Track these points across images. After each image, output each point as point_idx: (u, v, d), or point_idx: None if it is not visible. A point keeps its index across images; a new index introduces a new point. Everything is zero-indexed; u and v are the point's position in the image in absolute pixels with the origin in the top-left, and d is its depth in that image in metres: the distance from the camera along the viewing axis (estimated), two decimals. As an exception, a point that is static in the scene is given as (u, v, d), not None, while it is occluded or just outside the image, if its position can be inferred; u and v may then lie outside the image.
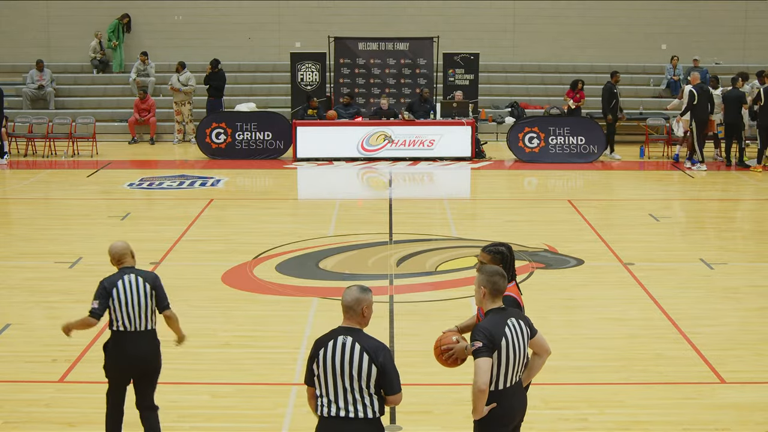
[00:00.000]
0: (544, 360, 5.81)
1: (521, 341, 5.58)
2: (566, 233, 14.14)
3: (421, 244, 13.52)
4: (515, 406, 5.66)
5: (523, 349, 5.60)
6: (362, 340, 5.36)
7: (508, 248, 6.18)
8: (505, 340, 5.49)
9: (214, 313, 10.35)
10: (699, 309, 10.58)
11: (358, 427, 5.35)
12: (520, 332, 5.58)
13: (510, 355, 5.51)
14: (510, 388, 5.58)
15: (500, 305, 5.61)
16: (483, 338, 5.42)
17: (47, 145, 21.83)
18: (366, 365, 5.30)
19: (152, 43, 26.43)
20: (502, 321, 5.54)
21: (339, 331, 5.42)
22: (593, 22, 27.04)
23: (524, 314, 5.77)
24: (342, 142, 20.75)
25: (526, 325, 5.67)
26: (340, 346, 5.35)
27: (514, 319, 5.60)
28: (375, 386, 5.35)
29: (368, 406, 5.35)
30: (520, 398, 5.71)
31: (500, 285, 5.59)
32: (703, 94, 19.95)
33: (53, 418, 7.65)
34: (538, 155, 20.88)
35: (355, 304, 5.40)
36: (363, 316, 5.42)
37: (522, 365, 5.65)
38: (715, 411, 7.85)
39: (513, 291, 6.12)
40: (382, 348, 5.38)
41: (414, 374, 8.41)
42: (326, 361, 5.36)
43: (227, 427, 7.58)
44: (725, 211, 16.61)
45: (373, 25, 25.76)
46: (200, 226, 14.61)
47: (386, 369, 5.33)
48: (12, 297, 10.94)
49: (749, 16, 27.28)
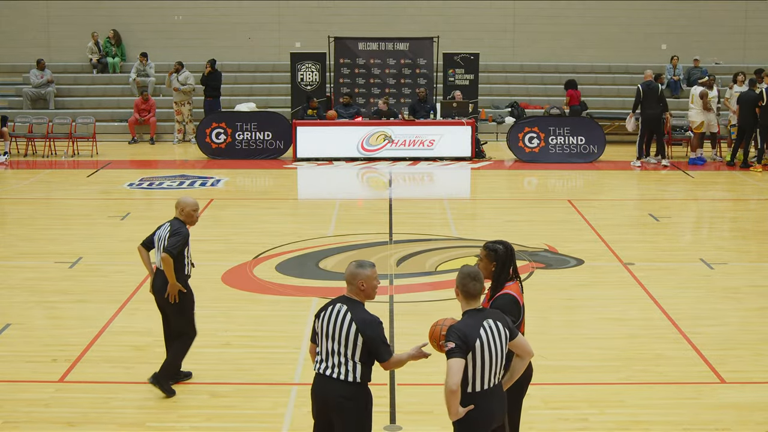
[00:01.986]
0: (526, 362, 5.75)
1: (498, 343, 5.52)
2: (566, 233, 14.14)
3: (421, 244, 13.52)
4: (493, 410, 5.58)
5: (500, 351, 5.54)
6: (355, 312, 5.74)
7: (506, 247, 6.16)
8: (479, 342, 5.45)
9: (214, 313, 10.35)
10: (699, 309, 10.58)
11: (339, 387, 5.75)
12: (497, 334, 5.52)
13: (485, 357, 5.46)
14: (487, 391, 5.53)
15: (476, 306, 5.59)
16: (456, 339, 5.42)
17: (47, 145, 21.83)
18: (353, 335, 5.71)
19: (152, 43, 26.45)
20: (477, 322, 5.51)
21: (340, 299, 5.84)
22: (593, 22, 27.04)
23: (503, 316, 5.68)
24: (342, 142, 20.75)
25: (505, 326, 5.59)
26: (335, 313, 5.79)
27: (491, 321, 5.55)
28: (360, 355, 5.72)
29: (350, 371, 5.75)
30: (499, 401, 5.63)
31: (470, 287, 5.58)
32: (649, 92, 20.36)
33: (53, 418, 7.65)
34: (538, 155, 20.88)
35: (352, 278, 5.81)
36: (361, 289, 5.80)
37: (500, 368, 5.58)
38: (715, 411, 7.85)
39: (514, 290, 6.13)
40: (373, 322, 5.74)
41: (414, 374, 8.41)
42: (322, 324, 5.82)
43: (227, 427, 7.58)
44: (725, 211, 16.61)
45: (373, 25, 25.76)
46: (200, 226, 14.56)
47: (374, 342, 5.70)
48: (12, 297, 10.94)
49: (749, 16, 27.28)
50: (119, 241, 13.59)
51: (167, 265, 7.89)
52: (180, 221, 8.10)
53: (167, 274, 7.92)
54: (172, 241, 7.91)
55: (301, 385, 8.32)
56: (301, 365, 8.75)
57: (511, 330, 5.62)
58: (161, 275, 8.04)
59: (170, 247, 7.88)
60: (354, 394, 5.77)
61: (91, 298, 10.85)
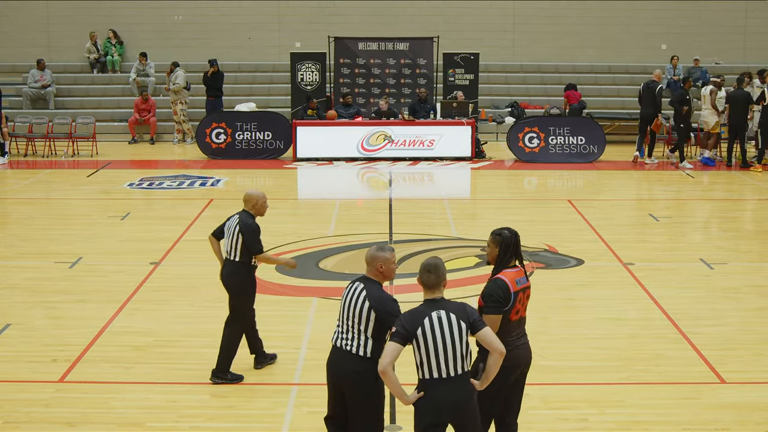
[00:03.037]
0: (495, 359, 5.73)
1: (447, 333, 5.61)
2: (566, 233, 14.14)
3: (421, 244, 13.52)
4: (446, 400, 5.65)
5: (452, 342, 5.61)
6: (371, 290, 6.08)
7: (512, 232, 6.30)
8: (422, 330, 5.61)
9: (214, 313, 10.33)
10: (699, 309, 10.58)
11: (351, 360, 6.06)
12: (446, 325, 5.63)
13: (430, 347, 5.60)
14: (442, 380, 5.63)
15: (433, 297, 5.73)
16: (398, 325, 5.69)
17: (47, 145, 21.84)
18: (366, 311, 6.03)
19: (152, 43, 26.45)
20: (425, 312, 5.67)
21: (360, 278, 6.20)
22: (593, 22, 27.05)
23: (465, 308, 5.72)
24: (342, 142, 20.75)
25: (462, 319, 5.65)
26: (353, 290, 6.15)
27: (443, 312, 5.66)
28: (373, 330, 6.03)
29: (362, 346, 6.07)
30: (458, 394, 5.67)
31: (424, 278, 5.76)
32: (647, 91, 20.54)
33: (53, 418, 7.65)
34: (538, 155, 20.89)
35: (372, 260, 6.15)
36: (379, 271, 6.13)
37: (457, 360, 5.63)
38: (715, 411, 7.85)
39: (508, 276, 6.18)
40: (387, 300, 6.05)
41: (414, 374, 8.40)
42: (343, 300, 6.18)
43: (227, 427, 7.58)
44: (725, 211, 16.61)
45: (373, 25, 25.77)
46: (200, 226, 14.60)
47: (384, 319, 5.98)
48: (12, 297, 10.94)
49: (749, 16, 27.29)
50: (119, 241, 13.60)
51: (265, 260, 8.53)
52: (249, 214, 8.42)
53: (272, 262, 9.07)
54: (249, 240, 8.26)
55: (301, 385, 8.32)
56: (301, 365, 8.75)
57: (471, 323, 5.67)
58: (230, 264, 8.41)
59: (252, 247, 8.28)
60: (365, 368, 6.02)
61: (91, 298, 10.85)
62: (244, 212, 8.46)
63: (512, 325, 6.18)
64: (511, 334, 6.17)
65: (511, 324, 6.17)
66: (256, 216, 8.48)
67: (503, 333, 6.07)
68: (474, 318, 5.71)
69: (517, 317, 6.22)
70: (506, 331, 6.12)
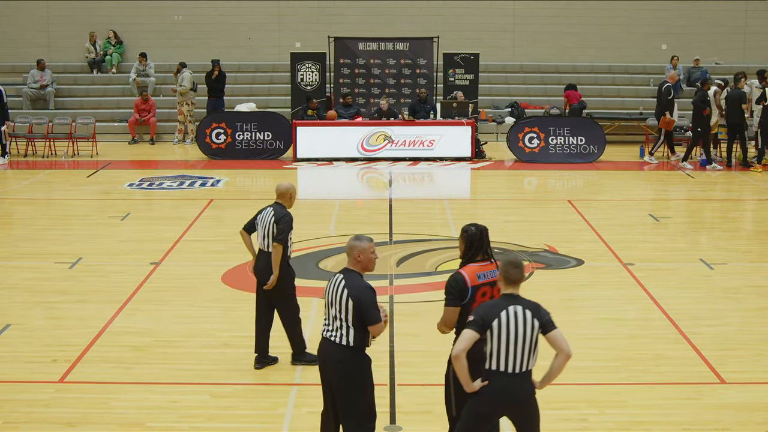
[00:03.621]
0: (561, 361, 5.77)
1: (521, 330, 5.69)
2: (566, 233, 14.14)
3: (421, 244, 13.52)
4: (511, 394, 5.73)
5: (523, 338, 5.69)
6: (350, 279, 6.33)
7: (478, 228, 6.53)
8: (497, 323, 5.68)
9: (214, 313, 10.35)
10: (699, 309, 10.58)
11: (336, 350, 6.31)
12: (521, 321, 5.70)
13: (502, 339, 5.68)
14: (506, 374, 5.71)
15: (512, 292, 5.80)
16: (475, 315, 5.77)
17: (47, 145, 21.83)
18: (345, 299, 6.27)
19: (152, 43, 26.45)
20: (502, 305, 5.74)
21: (341, 270, 6.43)
22: (593, 22, 27.04)
23: (540, 308, 5.79)
24: (342, 142, 20.74)
25: (537, 317, 5.73)
26: (334, 281, 6.40)
27: (519, 308, 5.73)
28: (353, 319, 6.25)
29: (344, 335, 6.30)
30: (519, 389, 5.75)
31: (510, 273, 5.81)
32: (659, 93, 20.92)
33: (53, 418, 7.65)
34: (538, 155, 20.89)
35: (350, 250, 6.42)
36: (357, 261, 6.38)
37: (524, 357, 5.72)
38: (715, 411, 7.85)
39: (469, 270, 6.35)
40: (364, 288, 6.29)
41: (414, 374, 8.42)
42: (326, 293, 6.42)
43: (227, 427, 7.58)
44: (725, 211, 16.61)
45: (373, 25, 25.76)
46: (200, 226, 14.61)
47: (362, 305, 6.23)
48: (12, 297, 10.93)
49: (749, 16, 27.28)
50: (119, 241, 13.60)
51: (277, 253, 8.35)
52: (282, 206, 8.52)
53: (273, 263, 8.38)
54: (280, 229, 8.33)
55: (301, 385, 8.32)
56: (300, 366, 8.74)
57: (543, 324, 5.74)
58: (264, 257, 8.51)
59: (280, 236, 8.33)
60: (348, 357, 6.29)
61: (90, 299, 10.85)
62: (276, 204, 8.61)
63: None
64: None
65: None
66: (290, 207, 8.63)
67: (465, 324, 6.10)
68: (546, 319, 5.77)
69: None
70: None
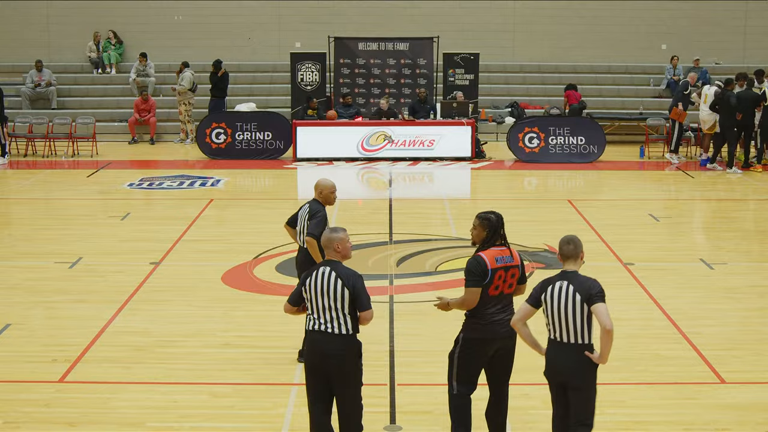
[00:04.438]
0: (602, 335, 6.09)
1: (563, 303, 6.17)
2: (566, 233, 14.09)
3: (421, 244, 13.52)
4: (559, 363, 6.25)
5: (565, 311, 6.16)
6: (338, 270, 6.50)
7: (497, 216, 6.84)
8: (545, 296, 6.26)
9: (214, 313, 10.35)
10: (699, 309, 10.58)
11: (336, 339, 6.45)
12: (563, 295, 6.18)
13: (549, 311, 6.24)
14: (554, 342, 6.28)
15: (567, 268, 6.32)
16: (534, 289, 6.37)
17: (47, 145, 21.83)
18: (340, 289, 6.43)
19: (152, 43, 26.44)
20: (553, 280, 6.29)
21: (322, 263, 6.59)
22: (593, 22, 27.03)
23: (588, 283, 6.20)
24: (342, 142, 20.74)
25: (579, 291, 6.15)
26: (320, 275, 6.51)
27: (565, 283, 6.22)
28: (349, 307, 6.44)
29: (342, 324, 6.45)
30: (566, 360, 6.21)
31: (563, 249, 6.40)
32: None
33: (53, 418, 7.65)
34: (538, 155, 20.89)
35: (328, 242, 6.59)
36: (337, 251, 6.57)
37: (571, 329, 6.16)
38: (715, 411, 7.85)
39: (488, 254, 6.66)
40: (354, 275, 6.49)
41: (414, 374, 8.42)
42: (311, 287, 6.52)
43: (227, 427, 7.58)
44: (725, 211, 16.61)
45: (373, 25, 25.75)
46: (200, 226, 14.61)
47: (356, 291, 6.44)
48: (12, 297, 10.93)
49: (749, 16, 27.27)
50: (119, 241, 13.60)
51: (312, 246, 8.46)
52: (318, 202, 8.67)
53: (312, 255, 8.45)
54: (312, 224, 8.51)
55: (301, 385, 8.31)
56: (301, 365, 8.74)
57: (588, 297, 6.13)
58: (301, 252, 8.75)
59: (312, 230, 8.47)
60: (349, 344, 6.48)
61: (90, 298, 10.85)
62: (313, 200, 8.73)
63: (491, 299, 6.63)
64: (487, 307, 6.63)
65: (490, 298, 6.63)
66: (325, 204, 8.71)
67: (482, 306, 6.61)
68: (592, 293, 6.15)
69: (496, 292, 6.65)
70: (483, 304, 6.62)
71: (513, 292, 6.77)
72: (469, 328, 6.70)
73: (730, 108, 19.53)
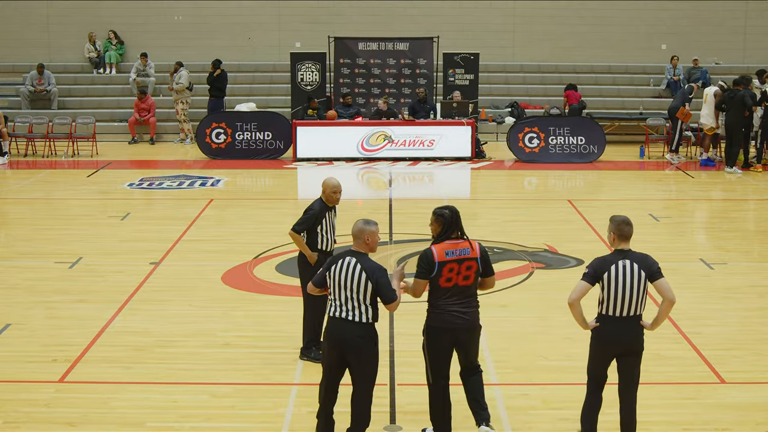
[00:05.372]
0: (666, 306, 6.77)
1: (629, 280, 6.68)
2: (566, 233, 14.14)
3: (421, 244, 13.51)
4: (620, 336, 6.77)
5: (631, 288, 6.68)
6: (364, 262, 6.75)
7: (452, 211, 7.08)
8: (608, 275, 6.70)
9: (214, 313, 10.35)
10: (699, 309, 10.58)
11: (356, 328, 6.72)
12: (629, 272, 6.70)
13: (613, 288, 6.70)
14: (615, 318, 6.75)
15: (623, 248, 6.81)
16: (590, 268, 6.80)
17: (47, 145, 21.83)
18: (363, 281, 6.69)
19: (152, 43, 26.44)
20: (613, 259, 6.76)
21: (348, 252, 6.83)
22: (593, 22, 27.04)
23: (648, 260, 6.77)
24: (342, 142, 20.75)
25: (643, 269, 6.71)
26: (346, 265, 6.76)
27: (627, 261, 6.73)
28: (371, 298, 6.70)
29: (363, 313, 6.72)
30: (627, 332, 6.77)
31: (622, 229, 6.83)
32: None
33: (53, 418, 7.65)
34: (538, 155, 20.89)
35: (359, 233, 6.86)
36: (366, 243, 6.83)
37: (634, 303, 6.71)
38: (715, 411, 7.85)
39: (437, 247, 6.93)
40: (379, 269, 6.73)
41: (414, 374, 8.42)
42: (335, 275, 6.77)
43: (227, 427, 7.58)
44: (725, 211, 16.61)
45: (373, 25, 25.76)
46: (200, 226, 14.61)
47: (380, 285, 6.69)
48: (12, 297, 10.94)
49: (749, 16, 27.28)
50: (119, 241, 13.60)
51: (293, 239, 8.76)
52: (322, 201, 8.83)
53: (299, 245, 8.75)
54: (300, 219, 8.74)
55: (301, 385, 8.32)
56: (301, 365, 8.75)
57: (650, 274, 6.73)
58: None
59: (296, 225, 8.71)
60: (368, 333, 6.75)
61: (90, 298, 10.86)
62: (318, 199, 8.89)
63: (442, 290, 6.93)
64: (441, 298, 6.95)
65: (442, 290, 6.93)
66: (329, 204, 8.85)
67: (434, 296, 6.97)
68: (653, 269, 6.75)
69: (449, 284, 6.93)
70: (436, 295, 6.97)
71: (472, 284, 7.00)
72: (428, 317, 7.10)
73: (741, 107, 19.47)
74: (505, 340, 9.43)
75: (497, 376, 8.55)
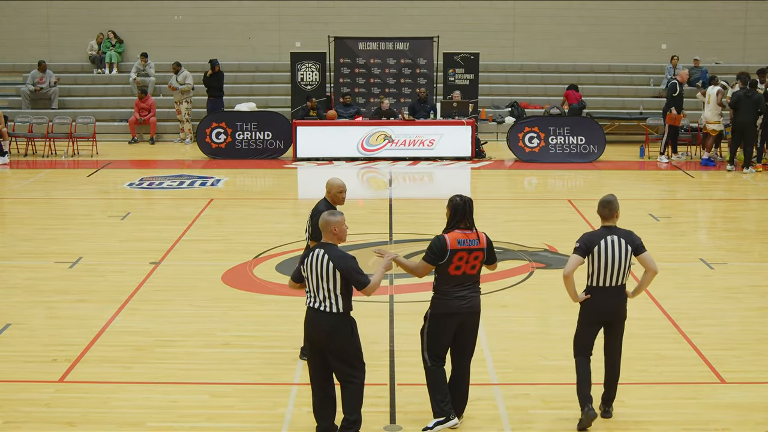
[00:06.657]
0: (649, 277, 7.44)
1: (617, 254, 7.24)
2: (566, 233, 14.12)
3: (421, 244, 13.51)
4: (607, 304, 7.33)
5: (619, 260, 7.25)
6: (331, 252, 6.87)
7: (463, 199, 7.25)
8: (597, 248, 7.24)
9: (214, 313, 10.35)
10: (699, 309, 10.58)
11: (327, 318, 6.87)
12: (617, 246, 7.26)
13: (601, 261, 7.24)
14: (603, 288, 7.29)
15: (608, 224, 7.36)
16: (581, 242, 7.31)
17: (47, 145, 21.83)
18: (332, 271, 6.82)
19: (152, 43, 26.44)
20: (602, 234, 7.31)
21: (319, 245, 6.98)
22: (593, 22, 27.04)
23: (632, 235, 7.38)
24: (342, 142, 20.75)
25: (629, 243, 7.30)
26: (315, 256, 6.90)
27: (615, 237, 7.29)
28: (341, 288, 6.82)
29: (334, 304, 6.86)
30: (614, 301, 7.33)
31: (600, 211, 7.38)
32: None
33: (53, 418, 7.65)
34: (538, 155, 20.89)
35: (326, 225, 6.99)
36: (334, 233, 6.97)
37: (620, 274, 7.29)
38: (715, 411, 7.85)
39: (451, 235, 7.13)
40: (345, 257, 6.86)
41: (414, 374, 8.42)
42: (308, 267, 6.93)
43: (227, 427, 7.58)
44: (725, 211, 16.61)
45: (373, 25, 25.75)
46: (200, 226, 14.61)
47: (348, 273, 6.80)
48: (12, 297, 10.94)
49: (749, 16, 27.27)
50: (119, 241, 13.60)
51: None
52: (327, 202, 8.76)
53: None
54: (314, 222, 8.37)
55: (301, 385, 8.32)
56: (301, 365, 8.74)
57: (635, 247, 7.33)
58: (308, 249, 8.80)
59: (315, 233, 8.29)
60: (340, 322, 6.87)
61: (90, 298, 10.85)
62: (323, 200, 8.82)
63: (451, 278, 7.16)
64: (449, 285, 7.17)
65: (450, 277, 7.15)
66: (334, 204, 8.79)
67: (441, 282, 7.20)
68: (637, 243, 7.36)
69: (458, 272, 7.16)
70: (444, 282, 7.19)
71: (477, 272, 7.25)
72: (434, 304, 7.28)
73: (756, 107, 19.38)
74: (505, 340, 9.43)
75: (497, 375, 8.55)
